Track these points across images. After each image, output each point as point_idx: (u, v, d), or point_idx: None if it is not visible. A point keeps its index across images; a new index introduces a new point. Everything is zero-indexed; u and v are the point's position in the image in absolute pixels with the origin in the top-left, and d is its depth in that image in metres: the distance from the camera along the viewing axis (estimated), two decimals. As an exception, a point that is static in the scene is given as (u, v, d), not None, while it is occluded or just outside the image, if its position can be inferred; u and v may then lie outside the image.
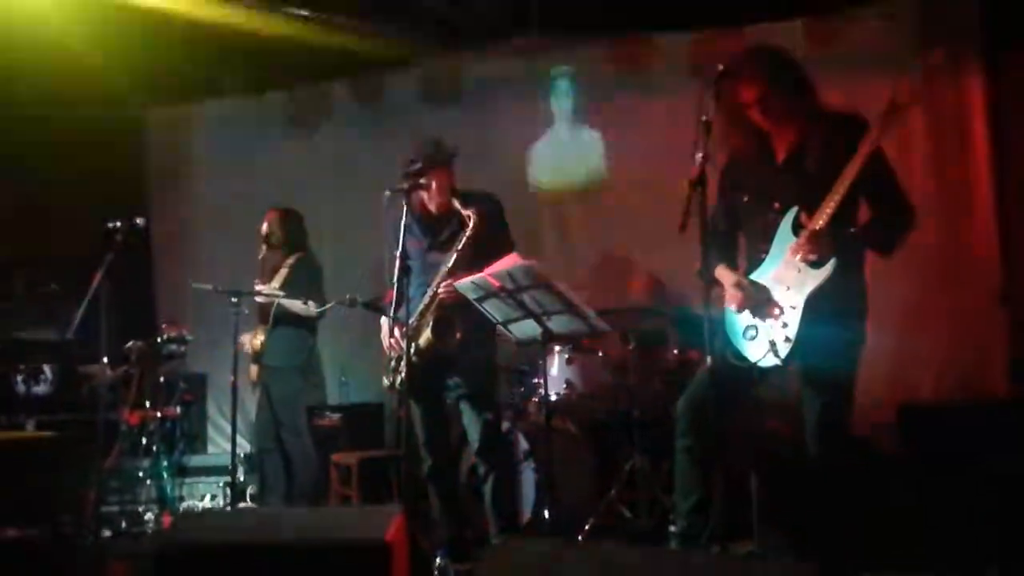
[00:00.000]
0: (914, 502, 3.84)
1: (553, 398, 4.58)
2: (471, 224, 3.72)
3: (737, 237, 3.17)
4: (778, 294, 2.90)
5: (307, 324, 5.08)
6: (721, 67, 2.87)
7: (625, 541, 4.15)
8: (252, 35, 5.83)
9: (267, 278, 5.09)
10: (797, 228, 2.89)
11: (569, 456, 4.54)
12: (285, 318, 5.00)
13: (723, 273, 3.07)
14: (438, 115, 6.19)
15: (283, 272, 5.03)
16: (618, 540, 4.19)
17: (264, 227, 5.20)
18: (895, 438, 4.35)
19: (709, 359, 2.85)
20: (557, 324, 3.37)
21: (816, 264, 2.83)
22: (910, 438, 4.14)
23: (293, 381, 5.11)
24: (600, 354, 4.76)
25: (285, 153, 6.71)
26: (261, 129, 6.78)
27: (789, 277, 2.88)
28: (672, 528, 3.18)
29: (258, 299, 4.96)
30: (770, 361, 2.89)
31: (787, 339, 2.85)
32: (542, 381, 3.77)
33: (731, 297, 3.00)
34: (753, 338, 2.94)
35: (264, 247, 5.21)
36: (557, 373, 4.72)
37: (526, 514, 4.44)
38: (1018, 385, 4.82)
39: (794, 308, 2.85)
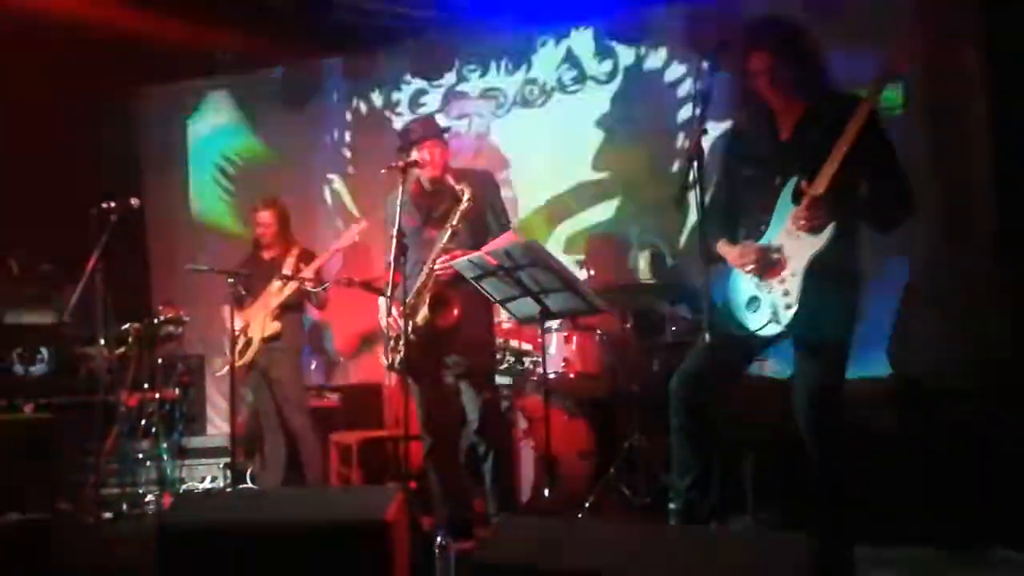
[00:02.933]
0: (910, 476, 3.85)
1: (552, 376, 4.58)
2: (464, 199, 3.70)
3: (738, 211, 3.14)
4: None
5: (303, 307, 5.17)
6: (720, 38, 2.85)
7: (624, 519, 4.16)
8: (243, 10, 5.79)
9: (264, 268, 5.10)
10: (797, 197, 2.87)
11: (568, 434, 4.54)
12: (298, 303, 5.06)
13: (725, 248, 3.05)
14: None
15: (318, 260, 4.97)
16: (617, 518, 4.21)
17: (261, 228, 5.17)
18: (893, 413, 4.35)
19: (707, 336, 2.83)
20: (555, 302, 3.36)
21: (815, 231, 2.82)
22: (907, 413, 4.15)
23: (297, 360, 5.18)
24: (598, 332, 4.75)
25: (278, 131, 6.67)
26: (254, 107, 6.74)
27: (789, 245, 2.87)
28: (671, 506, 3.18)
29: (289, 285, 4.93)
30: (772, 329, 2.87)
31: (788, 306, 2.84)
32: (540, 359, 3.77)
33: (741, 261, 2.95)
34: (756, 310, 2.93)
35: (262, 247, 5.21)
36: (555, 351, 4.71)
37: (526, 492, 4.45)
38: (1019, 359, 4.81)
39: (794, 275, 2.84)
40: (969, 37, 5.00)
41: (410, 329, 3.70)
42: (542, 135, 5.99)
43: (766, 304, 2.90)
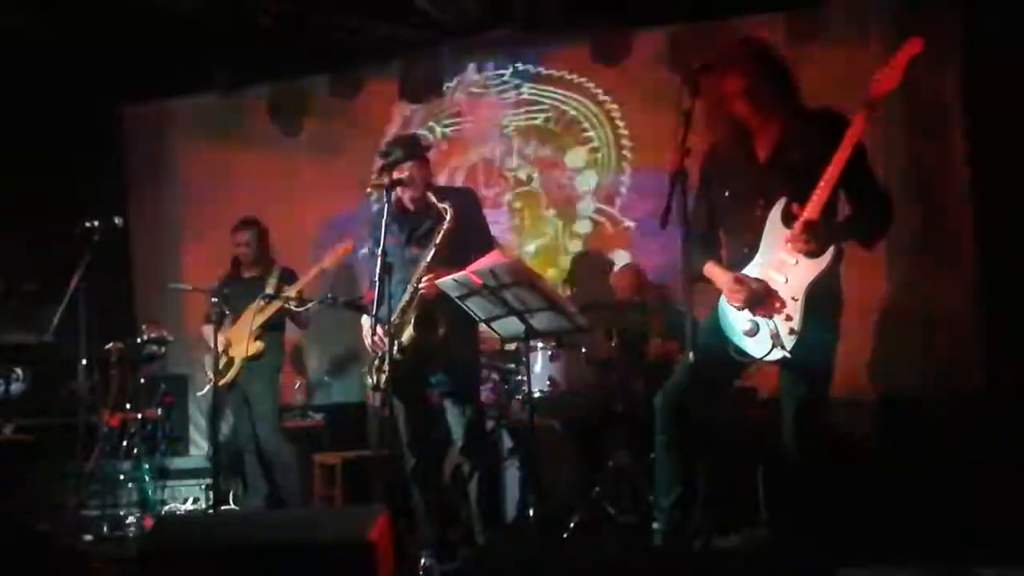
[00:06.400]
0: (894, 496, 3.86)
1: (537, 395, 4.57)
2: (447, 218, 3.71)
3: (718, 233, 3.15)
4: (777, 286, 2.88)
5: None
6: (701, 60, 2.88)
7: (610, 538, 4.15)
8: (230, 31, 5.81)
9: (243, 286, 5.09)
10: (789, 219, 2.88)
11: (553, 453, 4.54)
12: (279, 322, 5.07)
13: (714, 271, 3.04)
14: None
15: (302, 280, 4.96)
16: (603, 537, 4.19)
17: (241, 248, 5.17)
18: (875, 433, 4.37)
19: (690, 354, 2.84)
20: (540, 321, 3.36)
21: (813, 254, 2.83)
22: (890, 433, 4.18)
23: (275, 379, 5.16)
24: (583, 351, 4.76)
25: (263, 150, 6.66)
26: (239, 126, 6.74)
27: (788, 268, 2.87)
28: (656, 524, 3.17)
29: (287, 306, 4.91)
30: (777, 355, 2.86)
31: (792, 331, 2.83)
32: (526, 378, 3.76)
33: (732, 295, 2.95)
34: (755, 334, 2.91)
35: (240, 266, 5.20)
36: (540, 370, 4.71)
37: (511, 512, 4.44)
38: (995, 380, 4.85)
39: (795, 299, 2.84)
40: (948, 60, 5.08)
41: (395, 349, 3.69)
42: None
43: (766, 329, 2.88)
